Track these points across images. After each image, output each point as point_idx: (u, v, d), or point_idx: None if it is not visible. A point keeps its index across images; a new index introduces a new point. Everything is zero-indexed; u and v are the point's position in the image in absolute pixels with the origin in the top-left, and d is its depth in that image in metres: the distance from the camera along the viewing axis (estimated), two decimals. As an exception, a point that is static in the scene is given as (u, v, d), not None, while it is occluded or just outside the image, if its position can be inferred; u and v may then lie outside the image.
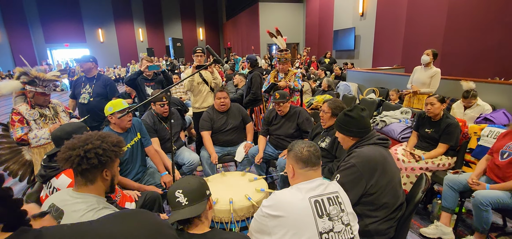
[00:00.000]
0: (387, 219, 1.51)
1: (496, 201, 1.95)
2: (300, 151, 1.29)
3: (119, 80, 14.95)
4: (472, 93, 3.20)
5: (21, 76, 2.29)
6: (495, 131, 2.43)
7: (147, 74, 3.50)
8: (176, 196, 1.13)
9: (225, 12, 20.95)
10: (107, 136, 1.23)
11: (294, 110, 2.89)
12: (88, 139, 1.17)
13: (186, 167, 2.81)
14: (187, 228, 1.13)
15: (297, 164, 1.29)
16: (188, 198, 1.12)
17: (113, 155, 1.20)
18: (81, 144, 1.14)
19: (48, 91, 2.38)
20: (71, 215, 1.12)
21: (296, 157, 1.29)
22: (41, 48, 17.41)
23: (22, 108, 2.34)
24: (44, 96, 2.38)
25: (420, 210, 2.69)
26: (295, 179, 1.31)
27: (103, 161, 1.16)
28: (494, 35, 5.41)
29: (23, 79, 2.29)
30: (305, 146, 1.31)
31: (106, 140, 1.19)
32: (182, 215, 1.09)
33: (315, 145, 1.35)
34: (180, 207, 1.12)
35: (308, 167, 1.27)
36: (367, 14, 9.19)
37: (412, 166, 2.56)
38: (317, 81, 6.61)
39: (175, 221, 1.11)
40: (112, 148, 1.19)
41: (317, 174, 1.30)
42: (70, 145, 1.16)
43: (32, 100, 2.36)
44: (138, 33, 19.58)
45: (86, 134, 1.21)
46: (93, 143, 1.15)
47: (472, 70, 5.66)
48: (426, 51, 3.77)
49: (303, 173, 1.28)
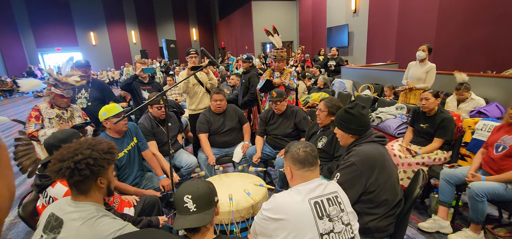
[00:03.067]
0: (387, 216, 1.53)
1: (492, 192, 1.98)
2: (297, 152, 1.29)
3: (113, 84, 14.80)
4: (464, 86, 3.23)
5: (49, 78, 2.51)
6: (489, 124, 2.47)
7: (142, 77, 3.47)
8: (185, 201, 1.11)
9: (218, 12, 20.86)
10: (98, 143, 1.19)
11: (291, 110, 2.90)
12: (77, 149, 1.13)
13: (184, 170, 2.80)
14: (192, 234, 1.11)
15: (294, 165, 1.29)
16: (196, 204, 1.11)
17: (105, 163, 1.18)
18: (70, 155, 1.11)
19: (67, 94, 2.54)
20: (71, 224, 1.11)
21: (293, 158, 1.29)
22: (33, 53, 17.12)
23: (42, 106, 2.54)
24: (62, 99, 2.54)
25: (417, 204, 2.72)
26: (294, 180, 1.31)
27: (95, 171, 1.14)
28: (485, 29, 5.48)
29: (51, 81, 2.48)
30: (301, 146, 1.31)
31: (97, 148, 1.16)
32: (190, 223, 1.08)
33: (312, 145, 1.35)
34: (188, 213, 1.10)
35: (305, 167, 1.27)
36: (359, 10, 9.23)
37: (408, 161, 2.58)
38: (312, 79, 6.63)
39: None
40: (104, 156, 1.17)
41: (315, 174, 1.30)
42: (59, 156, 1.13)
43: (53, 101, 2.55)
44: (130, 35, 19.39)
45: (76, 143, 1.17)
46: (82, 153, 1.12)
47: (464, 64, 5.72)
48: (421, 47, 3.75)
49: (301, 174, 1.29)
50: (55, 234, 1.10)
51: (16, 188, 0.54)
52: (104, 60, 18.32)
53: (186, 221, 1.09)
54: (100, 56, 18.40)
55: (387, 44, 8.05)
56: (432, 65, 3.76)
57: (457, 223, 2.42)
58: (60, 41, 17.67)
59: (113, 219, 1.18)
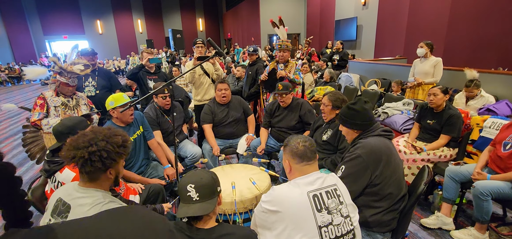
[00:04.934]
0: (390, 210, 1.53)
1: (497, 191, 1.96)
2: (296, 146, 1.30)
3: (119, 73, 14.88)
4: (474, 83, 3.18)
5: (54, 66, 2.51)
6: (497, 122, 2.43)
7: (148, 67, 3.48)
8: (188, 190, 1.13)
9: (225, 2, 20.69)
10: (113, 135, 1.20)
11: (297, 102, 2.88)
12: (92, 139, 1.15)
13: (189, 160, 2.83)
14: (195, 222, 1.13)
15: (293, 159, 1.30)
16: (199, 193, 1.12)
17: (118, 157, 1.19)
18: (85, 145, 1.13)
19: (72, 82, 2.54)
20: (78, 209, 1.13)
21: (291, 152, 1.30)
22: (40, 40, 17.29)
23: (48, 94, 2.54)
24: (67, 87, 2.54)
25: (421, 200, 2.71)
26: (292, 174, 1.32)
27: (107, 164, 1.16)
28: (497, 25, 5.33)
29: (56, 69, 2.49)
30: (301, 140, 1.32)
31: (111, 141, 1.17)
32: (192, 212, 1.10)
33: (311, 139, 1.35)
34: (191, 202, 1.12)
35: (304, 161, 1.28)
36: (369, 3, 9.07)
37: (413, 157, 2.57)
38: (319, 73, 6.57)
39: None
40: (117, 150, 1.18)
41: (313, 168, 1.31)
42: (75, 143, 1.15)
43: (58, 89, 2.55)
44: (137, 24, 19.40)
45: (92, 132, 1.19)
46: (97, 144, 1.13)
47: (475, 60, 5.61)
48: (420, 44, 3.79)
49: (299, 168, 1.29)
50: (62, 218, 1.13)
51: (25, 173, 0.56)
52: (110, 49, 18.40)
53: (189, 210, 1.10)
54: (106, 45, 18.49)
55: (396, 38, 7.91)
56: (438, 59, 3.74)
57: (460, 221, 2.41)
58: (67, 29, 17.78)
59: (119, 205, 1.20)
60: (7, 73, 13.58)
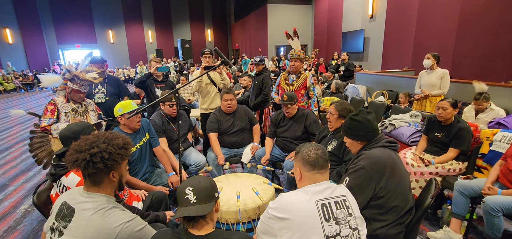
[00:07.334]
0: (396, 223, 1.49)
1: (508, 207, 1.90)
2: (308, 153, 1.28)
3: (128, 81, 15.17)
4: (484, 96, 3.12)
5: (66, 73, 2.56)
6: (508, 136, 2.37)
7: (156, 75, 3.54)
8: (186, 193, 1.13)
9: (233, 14, 21.05)
10: (114, 137, 1.23)
11: (302, 113, 2.88)
12: (94, 142, 1.17)
13: (193, 168, 2.83)
14: (192, 227, 1.13)
15: (304, 167, 1.28)
16: (197, 196, 1.12)
17: (119, 158, 1.21)
18: (87, 147, 1.15)
19: (83, 89, 2.61)
20: (82, 213, 1.14)
21: (303, 160, 1.28)
22: (54, 48, 17.83)
23: (58, 100, 2.59)
24: (79, 94, 2.60)
25: (429, 215, 2.64)
26: (302, 181, 1.30)
27: (109, 165, 1.17)
28: (507, 37, 5.27)
29: (67, 76, 2.55)
30: (313, 148, 1.30)
31: (113, 143, 1.20)
32: (189, 212, 1.10)
33: (323, 147, 1.33)
34: (188, 204, 1.12)
35: (315, 170, 1.26)
36: (376, 16, 9.09)
37: (421, 170, 2.51)
38: (325, 84, 6.57)
39: (181, 217, 1.11)
40: (118, 151, 1.20)
41: (324, 177, 1.28)
42: (77, 147, 1.17)
43: (69, 96, 2.61)
44: (147, 34, 19.86)
45: (93, 136, 1.21)
46: (99, 146, 1.16)
47: (484, 73, 5.53)
48: (426, 55, 3.80)
49: (310, 176, 1.27)
50: (66, 222, 1.14)
51: (33, 177, 0.56)
52: (120, 58, 18.83)
53: (186, 210, 1.10)
54: (117, 54, 18.94)
55: (404, 50, 7.87)
56: (444, 71, 3.73)
57: (471, 237, 2.33)
58: (80, 38, 18.32)
59: (122, 211, 1.21)
60: (21, 80, 13.98)
